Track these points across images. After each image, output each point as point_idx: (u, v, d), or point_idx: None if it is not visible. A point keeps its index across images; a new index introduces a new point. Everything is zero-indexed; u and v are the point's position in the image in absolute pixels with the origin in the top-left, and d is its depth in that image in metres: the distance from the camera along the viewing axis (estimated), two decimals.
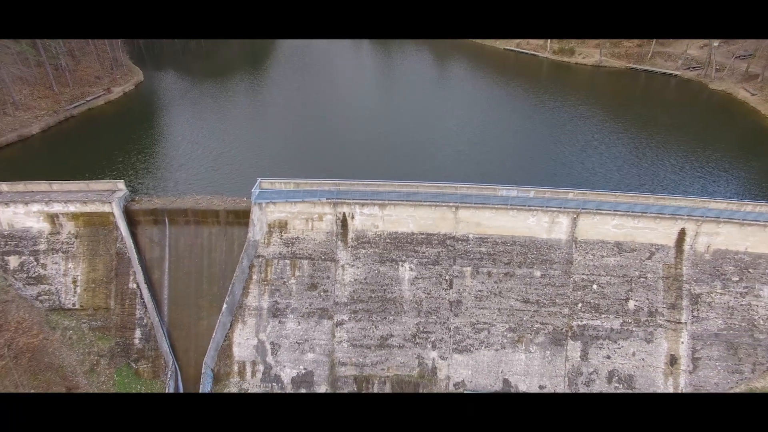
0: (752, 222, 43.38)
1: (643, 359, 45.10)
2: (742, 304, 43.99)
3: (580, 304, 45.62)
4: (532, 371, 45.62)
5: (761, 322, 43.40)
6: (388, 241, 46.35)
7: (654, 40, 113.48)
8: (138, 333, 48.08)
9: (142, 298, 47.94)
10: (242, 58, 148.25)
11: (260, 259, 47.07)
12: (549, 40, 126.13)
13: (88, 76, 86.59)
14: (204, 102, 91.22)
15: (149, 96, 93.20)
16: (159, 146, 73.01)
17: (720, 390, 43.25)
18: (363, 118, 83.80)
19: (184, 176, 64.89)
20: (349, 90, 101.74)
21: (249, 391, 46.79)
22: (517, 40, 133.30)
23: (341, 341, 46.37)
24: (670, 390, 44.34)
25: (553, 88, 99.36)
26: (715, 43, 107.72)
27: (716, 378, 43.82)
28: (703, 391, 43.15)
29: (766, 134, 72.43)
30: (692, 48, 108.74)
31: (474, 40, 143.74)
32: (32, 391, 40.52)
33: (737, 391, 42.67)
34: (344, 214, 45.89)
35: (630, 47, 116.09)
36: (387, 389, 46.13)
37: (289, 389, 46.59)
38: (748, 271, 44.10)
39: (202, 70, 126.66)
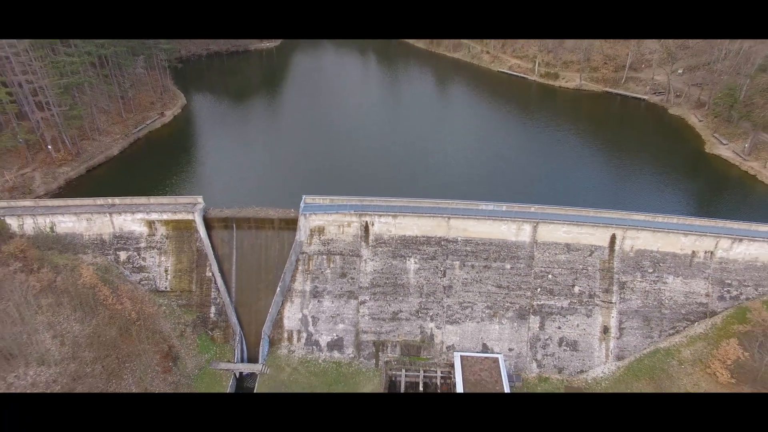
0: (661, 230, 59.94)
1: (584, 329, 61.76)
2: (654, 289, 60.68)
3: (539, 289, 62.33)
4: (503, 338, 62.39)
5: (666, 301, 60.10)
6: (398, 242, 63.22)
7: (627, 66, 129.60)
8: (213, 309, 64.96)
9: (215, 283, 64.75)
10: (261, 74, 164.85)
11: (304, 255, 63.92)
12: (537, 64, 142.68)
13: (145, 103, 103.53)
14: (241, 125, 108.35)
15: (194, 118, 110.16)
16: (213, 164, 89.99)
17: (638, 349, 59.93)
18: (376, 140, 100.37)
19: (235, 188, 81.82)
20: (362, 113, 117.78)
21: (293, 352, 63.50)
22: (510, 64, 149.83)
23: (364, 315, 63.24)
24: (603, 350, 61.07)
25: (538, 114, 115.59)
26: (680, 70, 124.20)
27: (635, 342, 60.54)
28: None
29: (700, 159, 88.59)
30: (659, 74, 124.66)
31: (472, 61, 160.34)
32: (148, 346, 57.46)
33: (647, 351, 59.36)
34: (366, 222, 62.75)
35: (606, 73, 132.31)
36: (398, 351, 63.00)
37: (325, 351, 63.41)
38: (659, 265, 60.78)
39: (231, 89, 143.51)
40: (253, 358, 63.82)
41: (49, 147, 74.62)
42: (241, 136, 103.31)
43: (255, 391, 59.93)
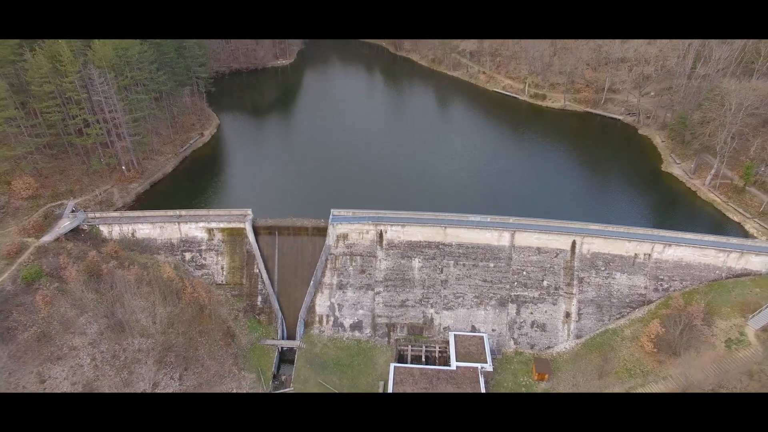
0: (611, 237, 76.95)
1: (551, 314, 78.95)
2: (605, 283, 77.82)
3: (515, 283, 79.55)
4: (488, 321, 79.63)
5: (614, 292, 77.25)
6: (406, 245, 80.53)
7: (606, 88, 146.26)
8: (259, 298, 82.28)
9: (261, 278, 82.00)
10: (278, 91, 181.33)
11: (332, 256, 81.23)
12: (527, 86, 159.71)
13: (187, 125, 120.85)
14: (266, 142, 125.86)
15: (228, 137, 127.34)
16: (248, 178, 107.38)
17: (592, 329, 77.05)
18: (385, 158, 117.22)
19: (267, 198, 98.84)
20: (372, 131, 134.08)
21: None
22: (503, 84, 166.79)
23: (378, 303, 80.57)
24: (566, 331, 78.25)
25: (527, 134, 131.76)
26: (652, 92, 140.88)
27: (590, 324, 77.69)
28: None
29: (656, 176, 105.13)
30: (633, 96, 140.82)
31: (470, 80, 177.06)
32: (214, 325, 74.77)
33: (599, 331, 76.49)
34: (381, 230, 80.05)
35: (588, 94, 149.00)
36: (405, 331, 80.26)
37: (348, 331, 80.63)
38: (609, 264, 77.93)
39: (254, 106, 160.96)
40: (291, 336, 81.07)
41: (123, 167, 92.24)
42: (268, 152, 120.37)
43: (295, 362, 77.11)
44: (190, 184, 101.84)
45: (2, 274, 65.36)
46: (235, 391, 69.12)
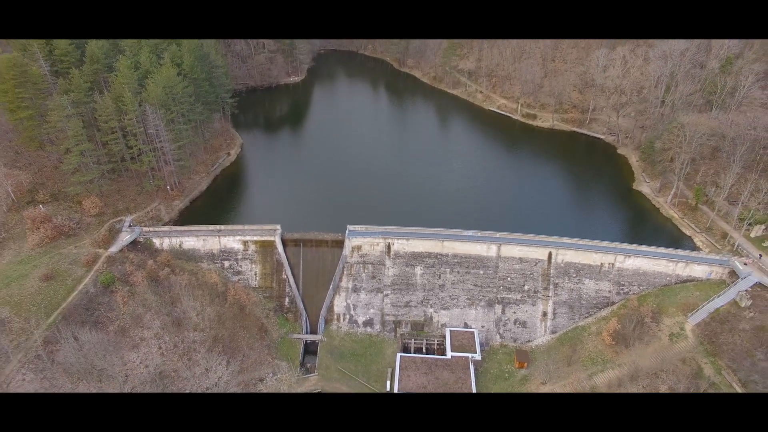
0: (581, 249, 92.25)
1: (531, 314, 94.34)
2: (576, 287, 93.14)
3: (501, 287, 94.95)
4: (478, 319, 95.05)
5: (584, 296, 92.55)
6: (410, 256, 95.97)
7: (591, 108, 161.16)
8: (287, 299, 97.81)
9: (289, 283, 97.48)
10: (292, 107, 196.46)
11: (348, 264, 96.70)
12: (519, 105, 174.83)
13: (216, 145, 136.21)
14: (285, 160, 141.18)
15: (250, 156, 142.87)
16: (271, 194, 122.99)
17: (565, 326, 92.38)
18: (391, 177, 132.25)
19: (289, 212, 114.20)
20: (380, 153, 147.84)
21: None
22: (498, 103, 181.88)
23: (387, 304, 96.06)
24: (543, 327, 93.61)
25: (520, 152, 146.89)
26: (632, 113, 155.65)
27: (563, 322, 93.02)
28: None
29: (628, 193, 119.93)
30: (614, 116, 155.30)
31: (468, 99, 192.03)
32: (250, 322, 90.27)
33: (571, 328, 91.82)
34: (389, 243, 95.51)
35: (574, 114, 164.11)
36: (409, 327, 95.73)
37: (361, 327, 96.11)
38: (580, 272, 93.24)
39: (271, 123, 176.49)
40: (314, 332, 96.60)
41: (168, 188, 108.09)
42: (286, 168, 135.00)
43: (318, 352, 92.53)
44: (222, 199, 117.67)
45: (85, 279, 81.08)
46: (271, 375, 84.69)
